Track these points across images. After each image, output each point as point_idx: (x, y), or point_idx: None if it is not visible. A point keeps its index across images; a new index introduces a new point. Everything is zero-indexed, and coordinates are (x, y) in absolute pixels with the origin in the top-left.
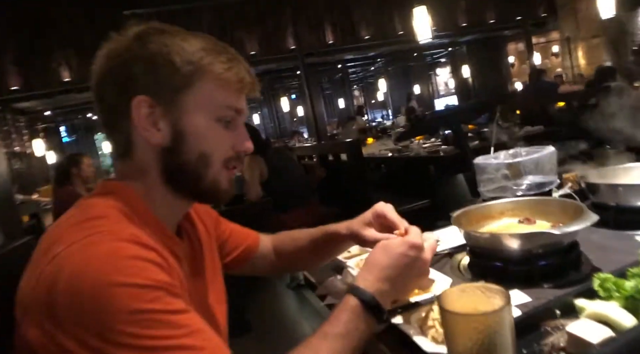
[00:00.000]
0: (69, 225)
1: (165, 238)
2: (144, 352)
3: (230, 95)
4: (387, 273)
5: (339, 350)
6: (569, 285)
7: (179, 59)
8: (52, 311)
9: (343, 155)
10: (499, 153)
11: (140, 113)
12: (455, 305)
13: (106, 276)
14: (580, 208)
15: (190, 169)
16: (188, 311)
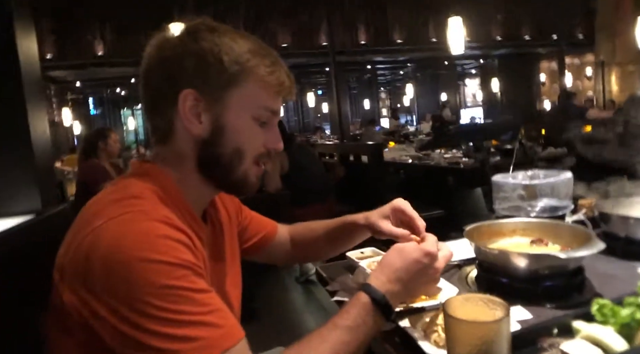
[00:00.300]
0: (109, 201)
1: (192, 221)
2: (168, 324)
3: (270, 97)
4: (399, 276)
5: (346, 341)
6: (570, 307)
7: (227, 58)
8: (87, 279)
9: (364, 157)
10: (517, 173)
11: (186, 105)
12: (458, 312)
13: (139, 252)
14: (589, 236)
15: (224, 161)
16: (210, 291)
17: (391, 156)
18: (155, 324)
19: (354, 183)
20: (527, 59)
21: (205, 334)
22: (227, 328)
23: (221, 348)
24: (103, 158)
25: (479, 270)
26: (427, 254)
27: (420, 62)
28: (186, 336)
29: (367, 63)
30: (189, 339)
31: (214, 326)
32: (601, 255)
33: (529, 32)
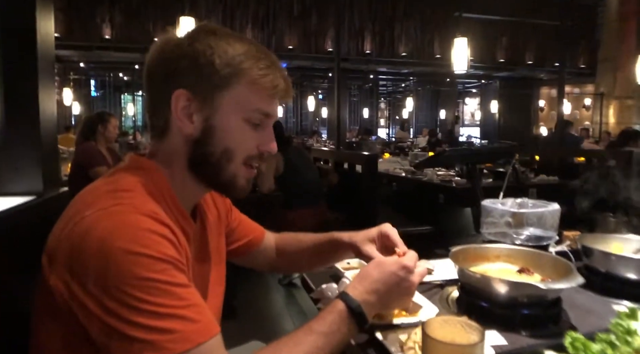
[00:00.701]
0: (101, 192)
1: (180, 217)
2: (145, 315)
3: (262, 99)
4: (376, 287)
5: (319, 346)
6: (545, 336)
7: (219, 60)
8: (72, 265)
9: (358, 166)
10: (507, 199)
11: (178, 105)
12: (436, 333)
13: (124, 244)
14: (570, 268)
15: (213, 161)
16: (189, 286)
17: (385, 167)
18: (133, 314)
19: (346, 191)
20: (527, 83)
21: (181, 327)
22: (203, 323)
23: (195, 342)
24: (101, 142)
25: (461, 291)
26: (404, 267)
27: (422, 76)
28: (162, 328)
29: (370, 73)
30: (164, 331)
31: (190, 320)
32: (580, 288)
33: (532, 57)
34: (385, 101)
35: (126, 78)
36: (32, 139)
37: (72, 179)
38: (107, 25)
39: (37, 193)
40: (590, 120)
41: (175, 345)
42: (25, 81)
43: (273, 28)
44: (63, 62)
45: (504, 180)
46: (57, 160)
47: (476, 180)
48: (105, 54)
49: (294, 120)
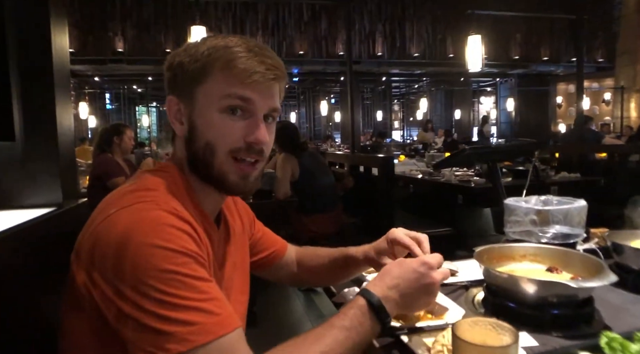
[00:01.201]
0: (125, 191)
1: (202, 219)
2: (166, 307)
3: (234, 84)
4: (396, 283)
5: (341, 340)
6: (577, 337)
7: (188, 59)
8: (97, 260)
9: (374, 169)
10: (530, 197)
11: (171, 110)
12: (467, 335)
13: (146, 238)
14: (601, 266)
15: (199, 158)
16: (210, 280)
17: (401, 170)
18: (155, 306)
19: (363, 195)
20: (544, 80)
21: (202, 319)
22: (224, 317)
23: (216, 334)
24: (117, 153)
25: (487, 292)
26: (424, 263)
27: (435, 76)
28: (183, 320)
29: (383, 75)
30: (185, 323)
31: (210, 313)
32: (612, 287)
33: (547, 53)
34: (398, 103)
35: (140, 90)
36: (50, 152)
37: (91, 191)
38: (119, 38)
39: (56, 204)
40: (611, 115)
41: (196, 337)
42: (42, 96)
43: (283, 34)
44: (78, 76)
45: (526, 177)
46: (75, 172)
47: (497, 179)
48: (119, 66)
49: (307, 126)
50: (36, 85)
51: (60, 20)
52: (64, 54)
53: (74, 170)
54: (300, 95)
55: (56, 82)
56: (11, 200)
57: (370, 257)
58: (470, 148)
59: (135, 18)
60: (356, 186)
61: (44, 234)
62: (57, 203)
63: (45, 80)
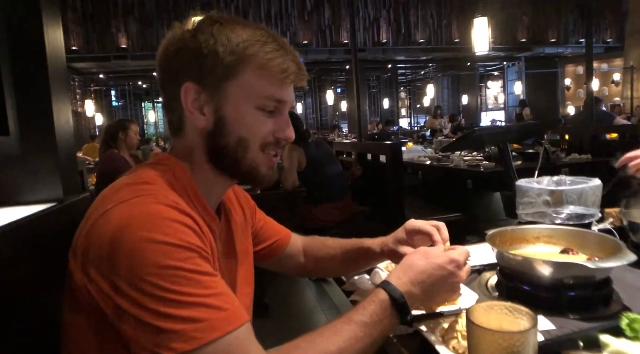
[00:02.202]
0: (122, 185)
1: (204, 212)
2: (171, 304)
3: (273, 85)
4: (421, 279)
5: (359, 336)
6: (595, 319)
7: (222, 49)
8: (95, 257)
9: (382, 156)
10: (542, 178)
11: (188, 98)
12: (482, 320)
13: (146, 233)
14: (619, 246)
15: (230, 152)
16: (215, 275)
17: (409, 156)
18: (158, 305)
19: (371, 183)
20: (552, 62)
21: (208, 316)
22: (230, 311)
23: (223, 331)
24: (123, 149)
25: (500, 276)
26: (453, 261)
27: (442, 62)
28: (189, 317)
29: (388, 62)
30: (191, 320)
31: (217, 308)
32: (630, 267)
33: (555, 35)
34: (405, 90)
35: (145, 86)
36: (48, 147)
37: (99, 188)
38: (122, 34)
39: (57, 199)
40: (620, 96)
41: (203, 334)
42: (38, 91)
43: (287, 24)
44: (83, 74)
45: (536, 160)
46: (76, 167)
47: (509, 160)
48: (123, 63)
49: (314, 116)
50: (30, 78)
51: (52, 12)
52: (58, 47)
53: (74, 165)
54: (305, 85)
55: (51, 75)
56: (10, 196)
57: (388, 249)
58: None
59: (137, 13)
60: (364, 175)
61: (45, 229)
62: (58, 198)
63: (39, 74)
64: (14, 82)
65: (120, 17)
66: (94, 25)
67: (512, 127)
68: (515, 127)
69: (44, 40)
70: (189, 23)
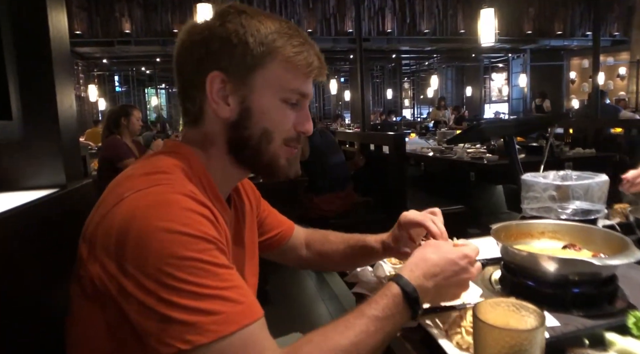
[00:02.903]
0: (138, 174)
1: (216, 202)
2: (187, 296)
3: (298, 78)
4: (434, 272)
5: (371, 331)
6: (600, 317)
7: (252, 39)
8: (111, 247)
9: (385, 147)
10: (548, 172)
11: (213, 87)
12: (488, 317)
13: (163, 223)
14: (625, 243)
15: (253, 144)
16: (231, 267)
17: (412, 148)
18: (175, 296)
19: (374, 173)
20: (558, 55)
21: (225, 309)
22: (246, 305)
23: (240, 324)
24: (125, 135)
25: (504, 271)
26: (466, 257)
27: (446, 53)
28: (205, 310)
29: (392, 52)
30: (207, 313)
31: (233, 301)
32: (635, 264)
33: (561, 27)
34: (409, 81)
35: (148, 72)
36: (51, 133)
37: (101, 173)
38: (126, 19)
39: (60, 185)
40: (626, 90)
41: (219, 327)
42: (41, 76)
43: (292, 12)
44: (86, 58)
45: (543, 152)
46: (79, 152)
47: (514, 154)
48: (126, 48)
49: (317, 105)
50: (34, 63)
51: None
52: (62, 31)
53: (77, 150)
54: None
55: (55, 59)
56: (13, 181)
57: (389, 247)
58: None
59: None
60: (367, 165)
61: (48, 215)
62: (61, 184)
63: (43, 58)
64: (17, 66)
65: (124, 2)
66: (98, 10)
67: (518, 119)
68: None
69: (47, 24)
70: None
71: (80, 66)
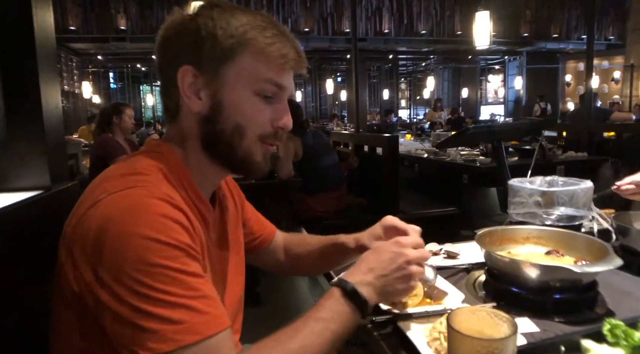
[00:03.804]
0: (115, 175)
1: (198, 202)
2: (151, 302)
3: (271, 70)
4: (371, 266)
5: (318, 331)
6: (580, 323)
7: (221, 32)
8: (83, 248)
9: (378, 148)
10: (535, 178)
11: (185, 82)
12: (462, 325)
13: (135, 228)
14: (606, 249)
15: (225, 139)
16: (202, 276)
17: (407, 149)
18: (140, 301)
19: (367, 175)
20: (553, 57)
21: (188, 318)
22: (212, 316)
23: (202, 335)
24: (117, 133)
25: (488, 276)
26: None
27: (443, 54)
28: (169, 318)
29: (389, 53)
30: (170, 321)
31: (198, 311)
32: (616, 270)
33: (557, 30)
34: (405, 81)
35: (144, 69)
36: (36, 133)
37: (93, 172)
38: (122, 16)
39: (44, 187)
40: (620, 94)
41: (182, 336)
42: (25, 75)
43: (289, 11)
44: (80, 55)
45: (531, 157)
46: (65, 153)
47: (502, 159)
48: (122, 45)
49: (313, 105)
50: (17, 61)
51: None
52: (48, 28)
53: (63, 151)
54: (305, 74)
55: (40, 57)
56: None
57: (361, 244)
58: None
59: None
60: (361, 166)
61: (30, 218)
62: (45, 185)
63: (27, 58)
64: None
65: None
66: (93, 6)
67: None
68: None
69: (32, 22)
70: (190, 8)
71: (74, 62)
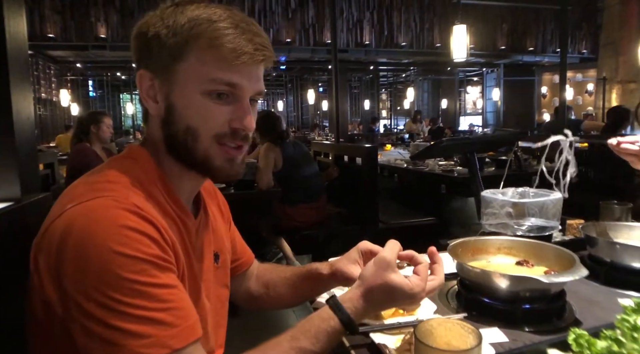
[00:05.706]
0: (85, 182)
1: (176, 207)
2: (116, 315)
3: (220, 67)
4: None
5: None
6: (549, 332)
7: (165, 31)
8: (50, 263)
9: (358, 159)
10: (507, 189)
11: (143, 86)
12: (429, 337)
13: (100, 241)
14: (573, 259)
15: (179, 142)
16: (173, 286)
17: (386, 159)
18: (106, 315)
19: (347, 185)
20: (529, 70)
21: (155, 332)
22: (181, 328)
23: (170, 348)
24: (95, 142)
25: (460, 287)
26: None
27: (423, 66)
28: (135, 332)
29: (370, 64)
30: (137, 336)
31: (166, 324)
32: (584, 279)
33: (533, 44)
34: (386, 92)
35: (124, 78)
36: (6, 143)
37: (68, 182)
38: (102, 24)
39: (15, 199)
40: (593, 105)
41: (149, 350)
42: None
43: (270, 21)
44: (59, 62)
45: (506, 168)
46: (36, 164)
47: (475, 170)
48: (101, 53)
49: (295, 114)
50: None
51: (14, 1)
52: (21, 38)
53: (34, 163)
54: (287, 84)
55: (11, 68)
56: None
57: (336, 269)
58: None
59: (118, 3)
60: (341, 176)
61: (1, 230)
62: (15, 197)
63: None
64: None
65: (100, 7)
66: (73, 14)
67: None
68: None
69: (4, 31)
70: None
71: (52, 70)
